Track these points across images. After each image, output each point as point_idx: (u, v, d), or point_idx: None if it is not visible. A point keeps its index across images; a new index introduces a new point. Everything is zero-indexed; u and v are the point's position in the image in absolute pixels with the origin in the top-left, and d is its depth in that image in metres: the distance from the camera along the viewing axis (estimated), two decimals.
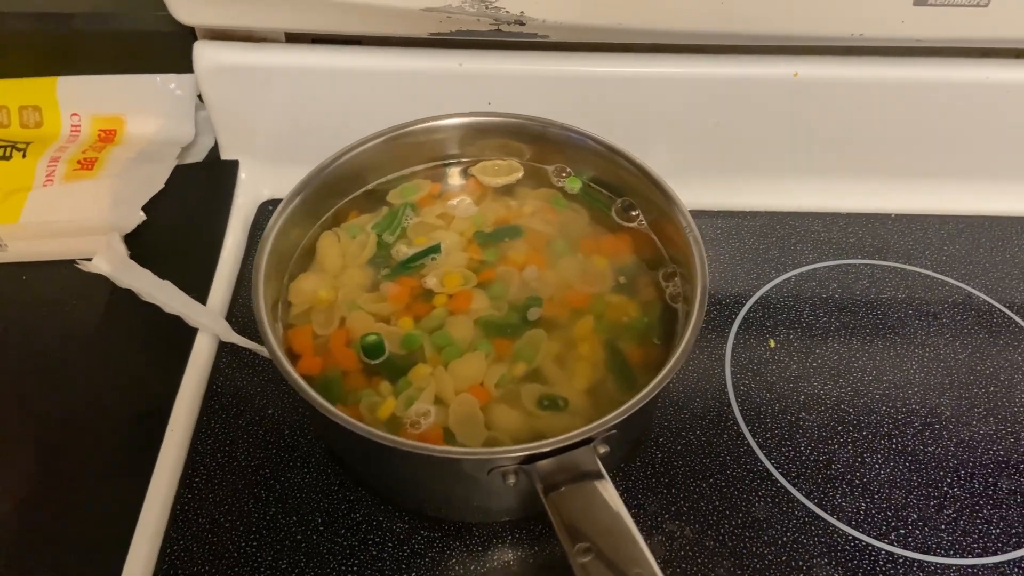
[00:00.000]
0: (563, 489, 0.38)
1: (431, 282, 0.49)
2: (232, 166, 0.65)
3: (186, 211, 0.62)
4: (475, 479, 0.41)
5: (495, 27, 0.56)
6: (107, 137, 0.65)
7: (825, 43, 0.59)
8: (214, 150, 0.67)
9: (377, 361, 0.45)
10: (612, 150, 0.51)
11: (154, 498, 0.47)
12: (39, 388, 0.53)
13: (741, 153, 0.64)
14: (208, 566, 0.45)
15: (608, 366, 0.46)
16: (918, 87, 0.61)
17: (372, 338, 0.45)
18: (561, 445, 0.38)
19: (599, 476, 0.38)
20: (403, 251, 0.50)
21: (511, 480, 0.39)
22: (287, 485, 0.48)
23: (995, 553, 0.47)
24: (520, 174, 0.55)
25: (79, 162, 0.62)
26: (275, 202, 0.64)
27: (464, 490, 0.44)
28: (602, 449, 0.40)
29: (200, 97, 0.64)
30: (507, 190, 0.54)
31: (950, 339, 0.57)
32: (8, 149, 0.63)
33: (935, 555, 0.47)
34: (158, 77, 0.65)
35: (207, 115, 0.64)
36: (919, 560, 0.46)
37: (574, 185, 0.54)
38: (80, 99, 0.65)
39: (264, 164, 0.65)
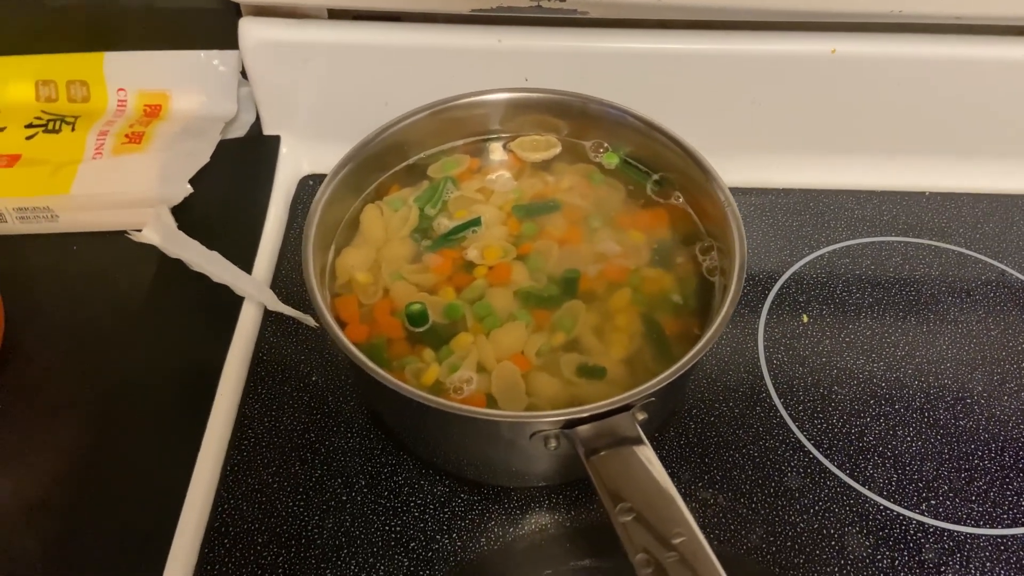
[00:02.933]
0: (604, 453, 0.39)
1: (472, 254, 0.50)
2: (273, 141, 0.66)
3: (230, 185, 0.63)
4: (517, 443, 0.42)
5: (536, 3, 0.56)
6: (152, 112, 0.67)
7: (864, 19, 0.59)
8: (255, 125, 0.68)
9: (421, 329, 0.46)
10: (650, 125, 0.51)
11: (205, 460, 0.49)
12: (91, 356, 0.54)
13: (777, 130, 0.65)
14: (258, 523, 0.47)
15: (644, 337, 0.47)
16: (956, 64, 0.61)
17: (416, 307, 0.46)
18: (603, 410, 0.39)
19: (639, 441, 0.39)
20: (444, 224, 0.51)
21: (552, 444, 0.40)
22: (332, 449, 0.50)
23: None
24: (558, 149, 0.55)
25: (127, 136, 0.64)
26: (315, 177, 0.65)
27: (505, 454, 0.45)
28: (641, 416, 0.41)
29: (243, 73, 0.65)
30: (545, 165, 0.55)
31: (983, 316, 0.57)
32: (57, 123, 0.65)
33: (965, 525, 0.47)
34: (202, 53, 0.66)
35: (248, 91, 0.65)
36: (949, 530, 0.47)
37: (611, 160, 0.55)
38: (126, 74, 0.66)
39: (304, 140, 0.66)
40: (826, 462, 0.50)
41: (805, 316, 0.57)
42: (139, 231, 0.57)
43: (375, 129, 0.51)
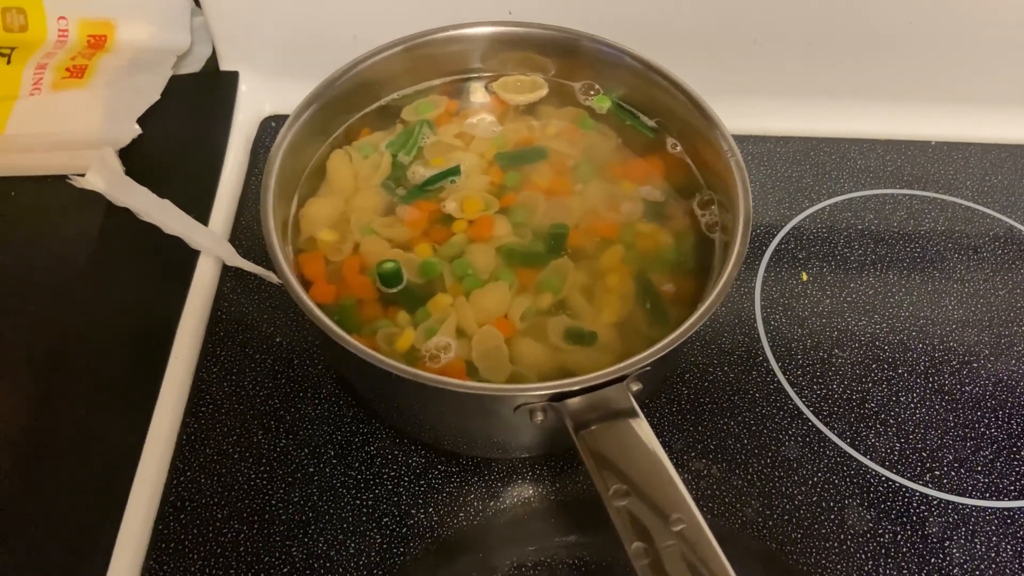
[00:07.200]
0: (595, 427, 0.36)
1: (450, 206, 0.46)
2: (231, 77, 0.61)
3: (183, 126, 0.59)
4: (500, 416, 0.39)
5: None
6: (97, 43, 0.61)
7: None
8: (212, 60, 0.63)
9: (394, 290, 0.42)
10: (647, 66, 0.47)
11: (159, 428, 0.46)
12: (31, 314, 0.50)
13: (777, 72, 0.61)
14: (217, 497, 0.44)
15: (638, 299, 0.43)
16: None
17: (390, 265, 0.42)
18: (596, 383, 0.36)
19: (633, 414, 0.36)
20: (420, 172, 0.47)
21: (539, 417, 0.37)
22: (297, 416, 0.46)
23: None
24: (544, 91, 0.51)
25: (68, 70, 0.58)
26: (278, 118, 0.61)
27: (487, 426, 0.42)
28: (635, 387, 0.37)
29: (196, 1, 0.59)
30: (530, 109, 0.51)
31: (990, 274, 0.55)
32: None
33: (971, 497, 0.45)
34: None
35: (203, 21, 0.60)
36: (954, 502, 0.45)
37: (603, 104, 0.50)
38: (67, 1, 0.61)
39: (266, 76, 0.61)
40: (826, 430, 0.47)
41: (804, 274, 0.54)
42: (82, 176, 0.52)
43: (343, 66, 0.46)
